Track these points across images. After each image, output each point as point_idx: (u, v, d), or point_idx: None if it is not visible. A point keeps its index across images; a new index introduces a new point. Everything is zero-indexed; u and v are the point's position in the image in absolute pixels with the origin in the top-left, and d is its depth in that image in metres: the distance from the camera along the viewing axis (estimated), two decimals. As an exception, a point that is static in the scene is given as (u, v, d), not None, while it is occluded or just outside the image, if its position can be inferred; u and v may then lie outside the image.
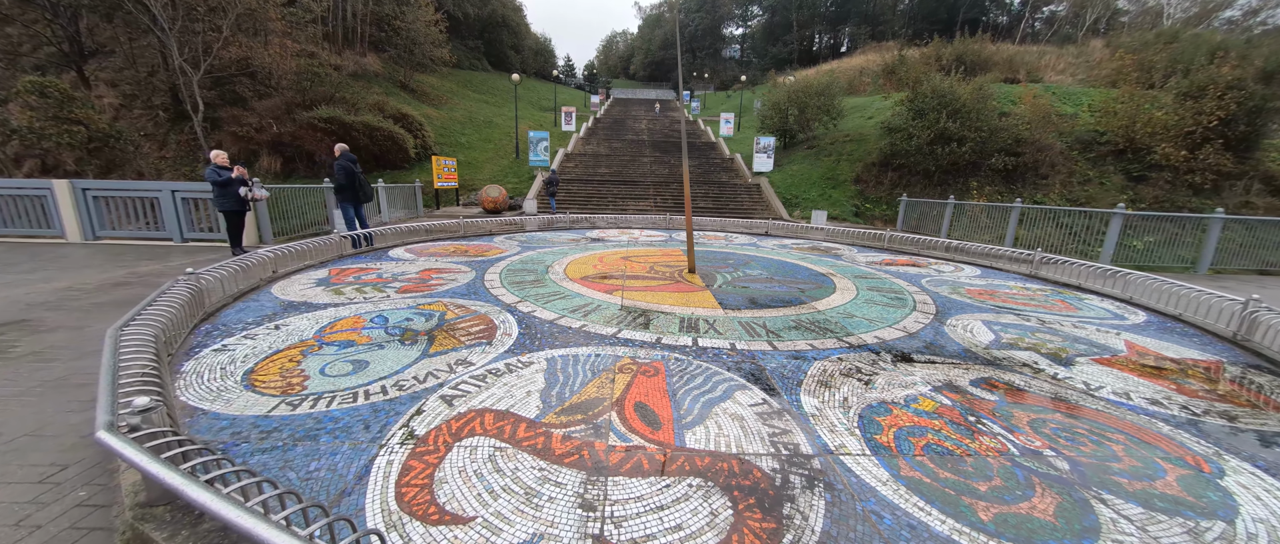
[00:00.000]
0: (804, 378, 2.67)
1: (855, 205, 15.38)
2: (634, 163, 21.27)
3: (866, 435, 2.09)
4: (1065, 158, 14.99)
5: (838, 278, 5.51)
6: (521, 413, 2.15)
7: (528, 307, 3.85)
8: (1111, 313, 4.40)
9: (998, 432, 2.19)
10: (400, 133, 15.78)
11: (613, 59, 76.50)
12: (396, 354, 2.76)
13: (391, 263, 5.56)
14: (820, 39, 61.48)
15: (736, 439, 2.02)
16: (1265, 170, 13.73)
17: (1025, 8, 49.83)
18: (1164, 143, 13.79)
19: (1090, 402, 2.54)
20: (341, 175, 6.40)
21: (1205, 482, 1.88)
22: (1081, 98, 17.99)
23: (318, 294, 4.06)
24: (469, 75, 33.76)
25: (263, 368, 2.53)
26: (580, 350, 2.93)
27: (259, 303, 3.78)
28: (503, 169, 18.89)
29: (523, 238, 8.21)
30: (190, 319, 3.06)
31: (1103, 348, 3.42)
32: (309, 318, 3.39)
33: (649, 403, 2.29)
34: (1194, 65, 15.89)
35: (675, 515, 1.55)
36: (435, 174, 13.74)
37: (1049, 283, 5.69)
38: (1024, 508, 1.68)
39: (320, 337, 3.02)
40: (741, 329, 3.47)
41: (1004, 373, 2.86)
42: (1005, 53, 30.22)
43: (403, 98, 21.17)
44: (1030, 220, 10.78)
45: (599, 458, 1.84)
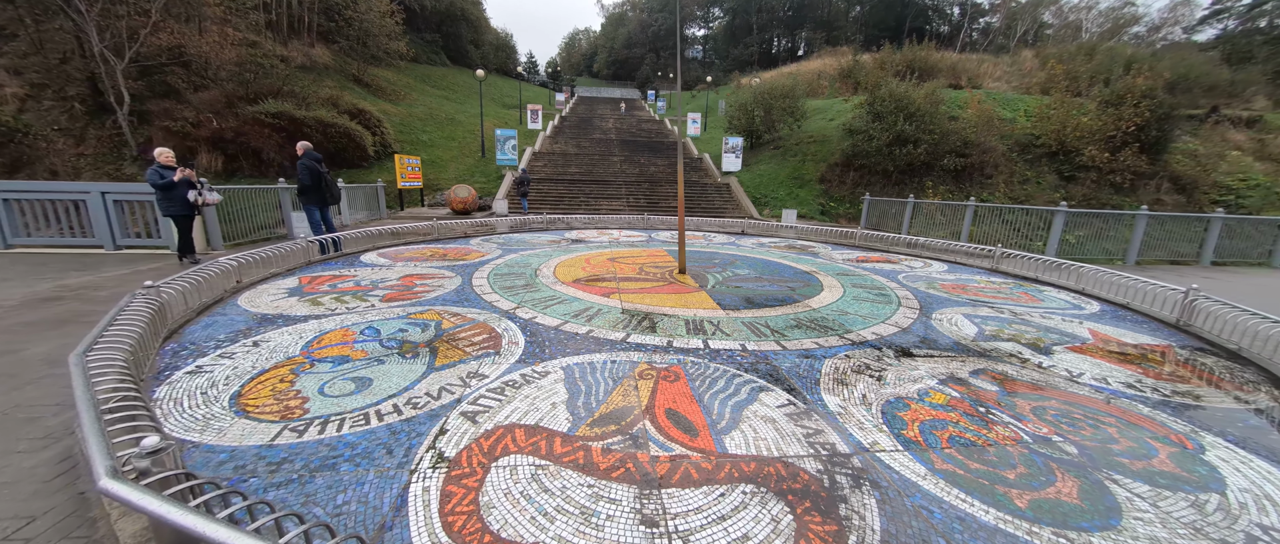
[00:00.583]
0: (820, 376, 2.73)
1: (821, 204, 15.97)
2: (604, 162, 21.13)
3: (894, 431, 2.16)
4: (1007, 159, 16.20)
5: (822, 276, 5.68)
6: (553, 427, 2.07)
7: (527, 312, 3.73)
8: (1069, 303, 4.79)
9: (1008, 420, 2.32)
10: (358, 130, 14.91)
11: (575, 57, 75.65)
12: (400, 369, 2.59)
13: (367, 269, 5.23)
14: (779, 42, 63.38)
15: (774, 442, 2.03)
16: (1173, 171, 15.40)
17: (964, 19, 53.45)
18: (1090, 146, 15.17)
19: (1077, 388, 2.74)
20: (306, 176, 5.95)
21: (1192, 458, 2.07)
22: (1018, 104, 19.50)
23: (293, 305, 3.75)
24: (427, 70, 32.40)
25: (252, 391, 2.30)
26: (594, 357, 2.86)
27: (228, 317, 3.44)
28: (468, 168, 18.26)
29: (500, 240, 7.96)
30: (156, 338, 2.74)
31: (1072, 336, 3.70)
32: (290, 332, 3.12)
33: (679, 409, 2.27)
34: (1113, 76, 17.56)
35: (739, 525, 1.53)
36: (398, 173, 13.07)
37: (1009, 276, 6.12)
38: (1052, 493, 1.78)
39: (310, 353, 2.78)
40: (747, 330, 3.51)
41: (996, 364, 3.04)
42: (949, 60, 32.24)
43: (358, 92, 20.03)
44: (979, 217, 11.58)
45: (646, 470, 1.79)
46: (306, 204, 6.29)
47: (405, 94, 24.22)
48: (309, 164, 6.06)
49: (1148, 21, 39.81)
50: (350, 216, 10.77)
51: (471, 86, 34.31)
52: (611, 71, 65.59)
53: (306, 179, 5.95)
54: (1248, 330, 3.36)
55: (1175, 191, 15.38)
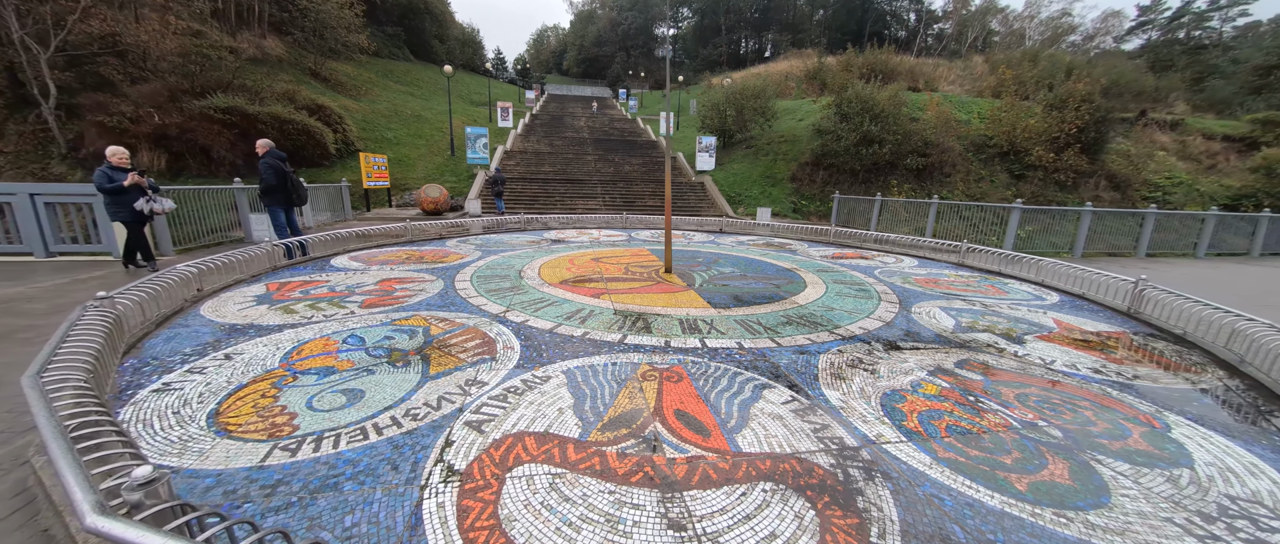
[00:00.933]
0: (817, 371, 2.79)
1: (793, 202, 16.38)
2: (578, 161, 20.94)
3: (895, 423, 2.23)
4: (963, 159, 17.11)
5: (803, 273, 5.82)
6: (563, 433, 2.02)
7: (518, 315, 3.64)
8: (1032, 294, 5.10)
9: (996, 408, 2.44)
10: (317, 126, 14.16)
11: (544, 54, 74.63)
12: (392, 379, 2.47)
13: (340, 274, 4.97)
14: (746, 43, 64.60)
15: (785, 439, 2.05)
16: (1109, 170, 16.67)
17: (920, 24, 56.01)
18: (1037, 146, 16.21)
19: (1050, 374, 2.91)
20: (271, 175, 5.59)
21: (1162, 437, 2.24)
22: (972, 106, 20.61)
23: (264, 314, 3.51)
24: (389, 65, 31.16)
25: (231, 408, 2.14)
26: (594, 360, 2.82)
27: (191, 328, 3.19)
28: (437, 167, 17.70)
29: (477, 241, 7.75)
30: (115, 355, 2.51)
31: (1039, 326, 3.94)
32: (265, 343, 2.93)
33: (688, 410, 2.26)
34: (1056, 81, 18.81)
35: (765, 523, 1.54)
36: (363, 173, 12.51)
37: (975, 270, 6.46)
38: (1046, 476, 1.89)
39: (290, 364, 2.61)
40: (741, 328, 3.55)
41: (976, 354, 3.20)
42: (907, 64, 33.71)
43: (315, 87, 19.03)
44: (941, 214, 12.19)
45: (665, 473, 1.78)
46: (271, 206, 5.91)
47: (367, 90, 23.21)
48: (273, 163, 5.70)
49: (1083, 31, 42.96)
50: (313, 218, 10.23)
51: (437, 83, 33.29)
52: (581, 69, 65.09)
53: (272, 179, 5.60)
54: (1191, 316, 3.67)
55: (1111, 189, 16.66)
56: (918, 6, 57.89)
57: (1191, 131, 20.52)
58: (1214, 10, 35.68)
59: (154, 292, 3.23)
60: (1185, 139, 20.01)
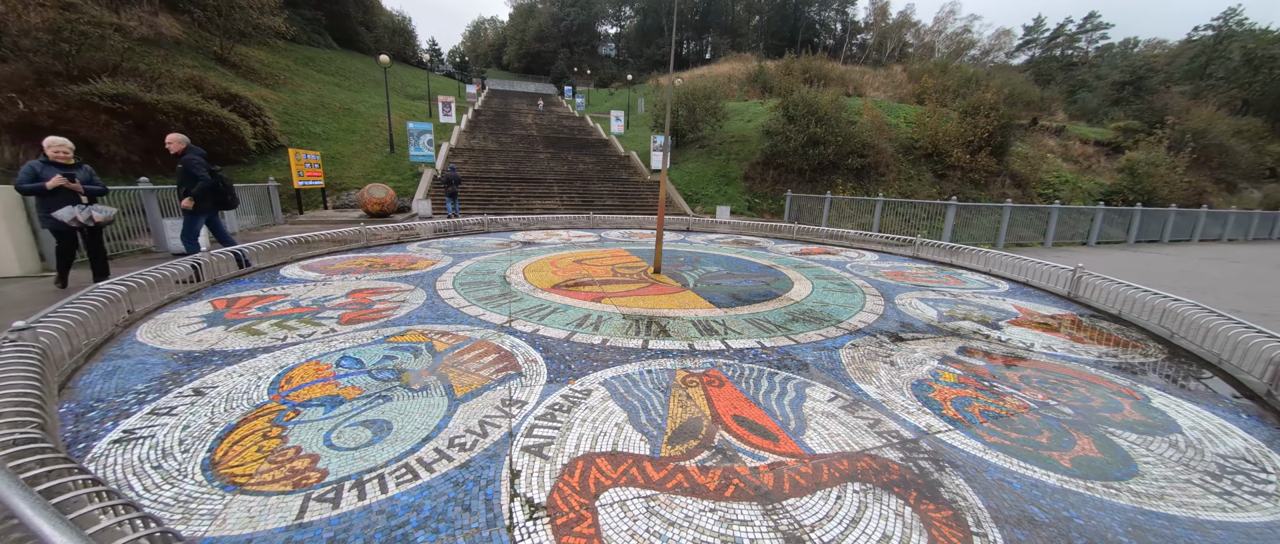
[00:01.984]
0: (843, 366, 2.87)
1: (747, 200, 16.96)
2: (530, 160, 20.30)
3: (935, 412, 2.34)
4: (895, 160, 18.63)
5: (784, 270, 6.02)
6: (633, 450, 1.90)
7: (525, 325, 3.42)
8: (986, 283, 5.64)
9: (1009, 391, 2.64)
10: (233, 120, 12.51)
11: (481, 47, 71.54)
12: (416, 405, 2.21)
13: (298, 286, 4.40)
14: (688, 45, 65.98)
15: (847, 437, 2.08)
16: (1013, 170, 18.91)
17: (845, 34, 60.27)
18: (955, 149, 18.03)
19: (1037, 356, 3.22)
20: (204, 173, 4.84)
21: (1147, 407, 2.54)
22: (899, 112, 22.50)
23: (224, 337, 3.02)
24: (309, 52, 28.32)
25: (230, 456, 1.80)
26: (626, 369, 2.70)
27: (134, 360, 2.66)
28: (376, 165, 16.36)
29: (441, 244, 7.23)
30: (52, 398, 2.01)
31: (1005, 312, 4.35)
32: (240, 372, 2.51)
33: (745, 414, 2.23)
34: (968, 90, 21.02)
35: (873, 525, 1.54)
36: (294, 171, 11.25)
37: (929, 262, 7.03)
38: (1080, 451, 2.06)
39: (283, 397, 2.25)
40: (754, 327, 3.58)
41: (970, 341, 3.46)
42: (838, 71, 36.10)
43: (223, 74, 16.84)
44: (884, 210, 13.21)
45: (755, 482, 1.73)
46: (197, 211, 5.10)
47: (286, 79, 20.92)
48: (196, 159, 4.93)
49: (981, 46, 48.46)
50: (236, 223, 9.04)
51: (366, 73, 30.80)
52: (522, 65, 63.16)
53: (207, 178, 4.84)
54: (1126, 299, 4.22)
55: (1014, 187, 18.90)
56: (843, 18, 62.29)
57: (1072, 137, 23.84)
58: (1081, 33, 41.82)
59: (80, 317, 2.65)
60: (1067, 143, 23.21)
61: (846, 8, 60.88)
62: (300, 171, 11.39)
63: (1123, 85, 33.65)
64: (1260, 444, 2.21)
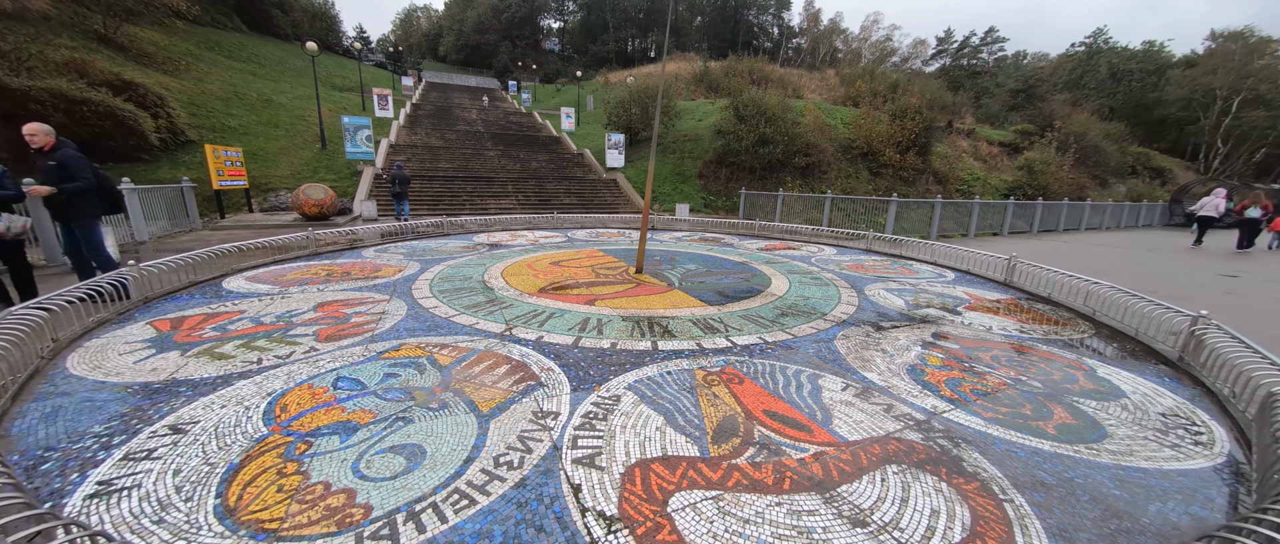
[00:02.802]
0: (842, 356, 3.06)
1: (703, 198, 17.38)
2: (479, 157, 19.52)
3: (934, 393, 2.57)
4: (835, 159, 19.91)
5: (757, 266, 6.27)
6: (682, 452, 1.92)
7: (527, 332, 3.31)
8: (935, 273, 6.20)
9: (986, 369, 2.95)
10: (129, 110, 10.89)
11: (414, 37, 67.45)
12: (442, 426, 2.08)
13: (253, 301, 3.95)
14: (633, 42, 66.20)
15: (870, 422, 2.23)
16: (935, 168, 20.86)
17: (782, 38, 63.25)
18: (887, 148, 19.59)
19: (996, 337, 3.61)
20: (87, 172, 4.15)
21: (1095, 376, 2.94)
22: (836, 114, 24.03)
23: (183, 364, 2.65)
24: (215, 35, 25.27)
25: (247, 501, 1.60)
26: (646, 372, 2.71)
27: (75, 396, 2.28)
28: (306, 162, 14.99)
29: (401, 249, 6.78)
30: (-3, 450, 1.67)
31: (959, 298, 4.83)
32: (220, 402, 2.23)
33: (775, 409, 2.32)
34: (897, 94, 22.87)
35: (922, 501, 1.67)
36: (212, 170, 10.01)
37: (881, 254, 7.62)
38: (1058, 419, 2.36)
39: (285, 427, 2.03)
40: (750, 323, 3.71)
41: (941, 326, 3.81)
42: (778, 73, 37.86)
43: (114, 58, 14.61)
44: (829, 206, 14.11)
45: (807, 473, 1.81)
46: (88, 217, 4.37)
47: (189, 65, 18.53)
48: (75, 155, 4.19)
49: (901, 53, 52.90)
50: (145, 230, 7.92)
51: (285, 61, 28.05)
52: (461, 57, 60.38)
53: (90, 178, 4.17)
54: (1054, 283, 4.84)
55: (936, 183, 20.86)
56: (780, 22, 65.33)
57: (980, 138, 26.70)
58: (983, 45, 46.94)
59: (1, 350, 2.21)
60: (977, 144, 25.97)
61: (782, 13, 63.89)
62: (220, 170, 10.15)
63: (1017, 93, 38.19)
64: (1185, 402, 2.64)
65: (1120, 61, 36.45)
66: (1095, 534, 1.59)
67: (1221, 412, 2.55)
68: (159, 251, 7.21)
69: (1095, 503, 1.75)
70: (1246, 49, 31.00)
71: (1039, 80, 39.59)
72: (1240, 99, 30.56)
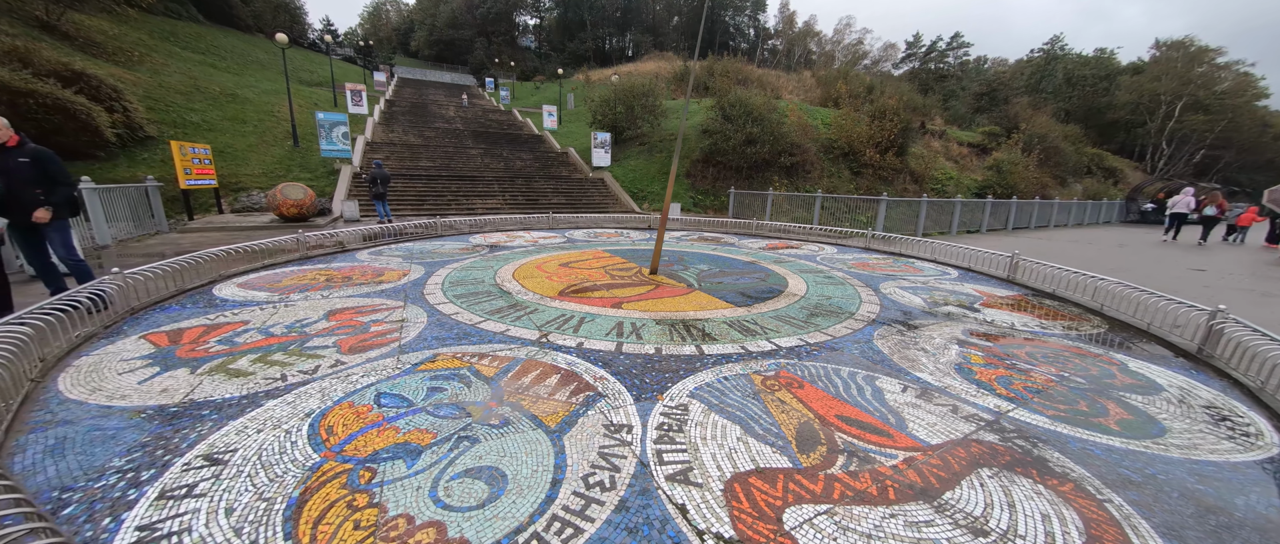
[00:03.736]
0: (887, 356, 3.05)
1: (692, 198, 17.39)
2: (460, 155, 19.00)
3: (992, 392, 2.57)
4: (818, 158, 20.28)
5: (767, 265, 6.27)
6: (773, 464, 1.85)
7: (565, 339, 3.17)
8: (939, 271, 6.34)
9: (1027, 366, 2.99)
10: (82, 104, 10.04)
11: (384, 30, 65.14)
12: (514, 445, 1.94)
13: (254, 310, 3.65)
14: (610, 41, 65.85)
15: (944, 425, 2.21)
16: (911, 168, 21.53)
17: (758, 40, 64.15)
18: (867, 149, 20.09)
19: (1023, 333, 3.69)
20: (61, 173, 3.78)
21: (1130, 371, 3.02)
22: (817, 114, 24.50)
23: (196, 382, 2.40)
24: (169, 25, 23.72)
25: (320, 542, 1.43)
26: (703, 378, 2.62)
27: (79, 424, 2.02)
28: (278, 160, 14.22)
29: (397, 251, 6.47)
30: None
31: (973, 296, 4.93)
32: (252, 426, 2.01)
33: (846, 413, 2.27)
34: (875, 96, 23.48)
35: (1030, 505, 1.65)
36: (179, 168, 9.34)
37: (881, 253, 7.76)
38: (1115, 415, 2.39)
39: (336, 451, 1.85)
40: (785, 324, 3.67)
41: (967, 324, 3.86)
42: (757, 73, 38.34)
43: (60, 47, 13.47)
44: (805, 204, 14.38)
45: (906, 480, 1.76)
46: (58, 220, 3.97)
47: (143, 56, 17.31)
48: (48, 150, 3.81)
49: (872, 56, 54.49)
50: (107, 233, 7.31)
51: (246, 53, 26.63)
52: (434, 52, 58.69)
53: (70, 180, 3.81)
54: (1060, 279, 5.00)
55: (913, 182, 21.53)
56: (756, 24, 66.24)
57: (950, 139, 27.73)
58: (949, 49, 48.86)
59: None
60: (948, 145, 26.96)
61: (758, 14, 64.81)
62: (187, 168, 9.47)
63: (981, 96, 39.92)
64: (1219, 393, 2.74)
65: (1075, 67, 38.63)
66: (1201, 532, 1.60)
67: (1255, 402, 2.66)
68: (124, 257, 6.66)
69: (1186, 499, 1.76)
70: (1187, 57, 33.37)
71: (1001, 84, 41.49)
72: (1182, 104, 32.85)
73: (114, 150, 10.84)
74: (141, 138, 11.72)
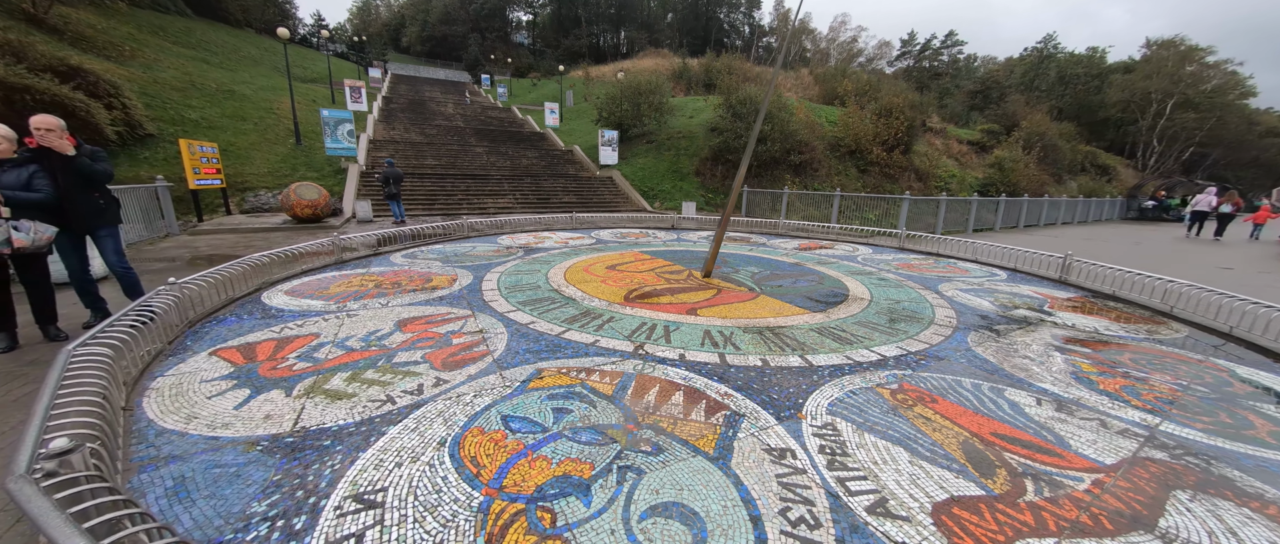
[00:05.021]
0: (997, 365, 2.96)
1: (703, 196, 17.28)
2: (465, 154, 18.68)
3: (1128, 403, 2.48)
4: (825, 157, 20.29)
5: (812, 266, 6.17)
6: (966, 492, 1.73)
7: (664, 350, 3.02)
8: (985, 272, 6.29)
9: (1140, 375, 2.91)
10: (80, 100, 9.60)
11: (374, 26, 63.97)
12: (681, 476, 1.79)
13: (317, 320, 3.44)
14: (605, 38, 65.36)
15: (1104, 441, 2.11)
16: (916, 166, 21.65)
17: (753, 37, 64.15)
18: (874, 146, 20.14)
19: (1114, 338, 3.62)
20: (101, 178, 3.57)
21: (1236, 376, 2.95)
22: (822, 112, 24.52)
23: (298, 406, 2.22)
24: (158, 19, 22.95)
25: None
26: (827, 393, 2.50)
27: (190, 459, 1.83)
28: (281, 159, 13.82)
29: (431, 254, 6.25)
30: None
31: (1034, 298, 4.87)
32: (387, 458, 1.85)
33: (1003, 432, 2.16)
34: (880, 94, 23.53)
35: (1256, 533, 1.54)
36: (188, 168, 8.97)
37: (918, 253, 7.70)
38: (1263, 426, 2.32)
39: (497, 488, 1.69)
40: (874, 331, 3.56)
41: (1052, 329, 3.79)
42: (755, 71, 38.29)
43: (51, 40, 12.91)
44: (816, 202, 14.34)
45: (1112, 507, 1.65)
46: (108, 226, 3.77)
47: (133, 51, 16.69)
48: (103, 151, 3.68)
49: (867, 54, 54.77)
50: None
51: (238, 48, 25.91)
52: (426, 49, 57.79)
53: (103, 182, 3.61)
54: (1121, 280, 4.97)
55: (917, 180, 21.65)
56: (750, 21, 66.21)
57: (950, 137, 27.96)
58: (943, 48, 49.31)
59: (91, 405, 1.73)
60: (948, 142, 27.18)
61: (753, 12, 64.78)
62: (196, 168, 9.10)
63: (975, 94, 40.37)
64: (1345, 401, 2.69)
65: (1067, 65, 39.22)
66: None
67: (1385, 410, 2.60)
68: (139, 261, 6.35)
69: (1400, 523, 1.68)
70: (1178, 56, 34.06)
71: (994, 83, 42.00)
72: (1173, 102, 33.53)
73: (114, 149, 10.39)
74: (142, 136, 11.27)
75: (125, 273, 3.73)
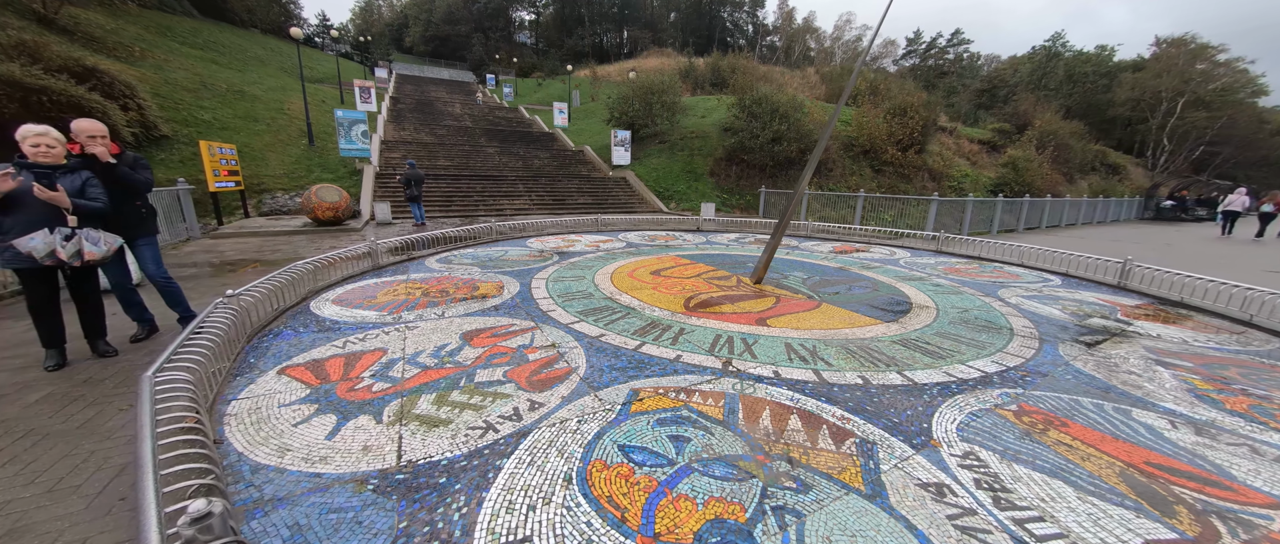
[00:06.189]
0: (1108, 382, 2.80)
1: (718, 197, 17.12)
2: (477, 154, 18.52)
3: (1265, 425, 2.33)
4: (840, 156, 20.13)
5: (858, 271, 6.02)
6: (1157, 536, 1.57)
7: (754, 366, 2.86)
8: (1037, 278, 6.13)
9: (1261, 392, 2.75)
10: (96, 101, 9.44)
11: (377, 26, 63.78)
12: (845, 517, 1.64)
13: (376, 333, 3.29)
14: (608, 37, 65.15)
15: (1265, 469, 1.96)
16: (930, 166, 21.48)
17: (757, 36, 63.97)
18: (888, 146, 19.97)
19: (1207, 351, 3.46)
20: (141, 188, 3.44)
21: (1366, 396, 2.80)
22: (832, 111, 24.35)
23: (397, 437, 2.07)
24: (165, 19, 22.79)
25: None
26: (948, 415, 2.34)
27: (311, 504, 1.68)
28: (295, 160, 13.67)
29: (466, 258, 6.10)
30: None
31: (1102, 306, 4.70)
32: (518, 499, 1.69)
33: (1157, 461, 2.00)
34: (893, 93, 23.36)
35: None
36: (208, 170, 8.82)
37: (958, 256, 7.54)
38: None
39: (655, 538, 1.53)
40: (961, 344, 3.41)
41: (1139, 340, 3.63)
42: (762, 70, 38.17)
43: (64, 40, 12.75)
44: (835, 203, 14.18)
45: (1339, 560, 1.50)
46: (148, 236, 3.63)
47: (143, 51, 16.52)
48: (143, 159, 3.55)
49: (873, 53, 54.60)
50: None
51: (245, 49, 25.75)
52: (429, 49, 57.63)
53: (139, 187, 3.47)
54: (1189, 287, 4.81)
55: (931, 180, 21.49)
56: (754, 20, 66.02)
57: (962, 137, 27.78)
58: (949, 46, 49.12)
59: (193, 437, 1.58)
60: (960, 142, 27.00)
61: (757, 11, 64.57)
62: (216, 170, 8.95)
63: (981, 93, 40.19)
64: None
65: (1075, 64, 39.03)
66: None
67: None
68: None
69: None
70: (1189, 55, 33.87)
71: (1001, 82, 41.82)
72: (1184, 101, 33.34)
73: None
74: (157, 137, 11.11)
75: (166, 283, 3.58)
